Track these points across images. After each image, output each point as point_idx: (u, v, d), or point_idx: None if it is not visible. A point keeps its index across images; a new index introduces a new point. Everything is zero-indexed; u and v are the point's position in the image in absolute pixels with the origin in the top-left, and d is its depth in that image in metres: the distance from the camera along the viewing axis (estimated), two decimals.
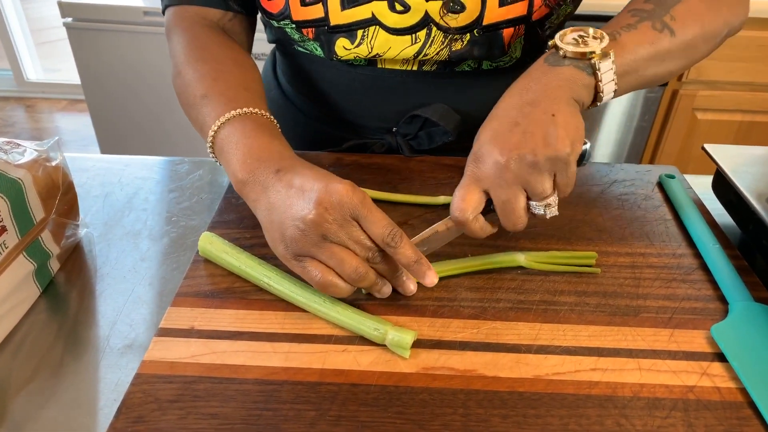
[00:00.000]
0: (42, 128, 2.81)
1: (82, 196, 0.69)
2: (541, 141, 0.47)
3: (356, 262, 0.46)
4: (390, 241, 0.46)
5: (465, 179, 0.50)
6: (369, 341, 0.47)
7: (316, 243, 0.46)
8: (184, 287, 0.52)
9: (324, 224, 0.45)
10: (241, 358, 0.45)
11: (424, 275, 0.48)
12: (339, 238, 0.46)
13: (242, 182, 0.51)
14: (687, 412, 0.42)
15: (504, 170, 0.47)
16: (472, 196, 0.49)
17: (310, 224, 0.45)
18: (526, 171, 0.47)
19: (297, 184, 0.47)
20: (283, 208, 0.47)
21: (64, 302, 0.56)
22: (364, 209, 0.46)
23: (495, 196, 0.49)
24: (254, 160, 0.51)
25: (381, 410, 0.42)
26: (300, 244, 0.46)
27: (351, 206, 0.45)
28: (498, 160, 0.47)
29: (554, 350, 0.47)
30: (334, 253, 0.46)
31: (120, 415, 0.41)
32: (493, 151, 0.48)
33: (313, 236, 0.45)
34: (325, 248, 0.46)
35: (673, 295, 0.52)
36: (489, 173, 0.48)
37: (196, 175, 0.74)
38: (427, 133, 0.72)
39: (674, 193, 0.65)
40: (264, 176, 0.49)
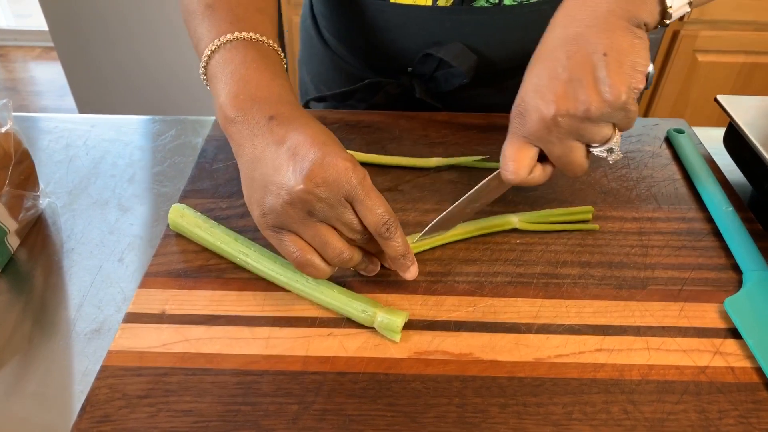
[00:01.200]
0: (16, 78, 2.69)
1: (44, 161, 0.64)
2: (591, 90, 0.40)
3: (341, 246, 0.41)
4: (384, 232, 0.41)
5: (512, 135, 0.45)
6: (356, 324, 0.43)
7: (300, 219, 0.40)
8: (154, 266, 0.48)
9: (312, 201, 0.40)
10: (217, 346, 0.42)
11: (406, 270, 0.44)
12: (326, 217, 0.41)
13: (229, 120, 0.44)
14: (699, 396, 0.39)
15: (552, 126, 0.42)
16: (522, 154, 0.44)
17: (297, 198, 0.39)
18: (578, 125, 0.41)
19: (290, 143, 0.41)
20: (268, 169, 0.41)
21: (28, 282, 0.51)
22: (361, 192, 0.40)
23: (547, 151, 0.44)
24: (248, 98, 0.44)
25: (370, 402, 0.38)
26: (281, 216, 0.41)
27: (347, 187, 0.40)
28: (544, 115, 0.42)
29: (556, 329, 0.43)
30: (318, 233, 0.41)
31: (84, 414, 0.37)
32: (538, 104, 0.42)
33: (298, 211, 0.40)
34: (309, 226, 0.41)
35: (683, 264, 0.49)
36: (536, 129, 0.43)
37: (169, 135, 0.68)
38: (443, 75, 0.66)
39: (683, 149, 0.61)
40: (255, 120, 0.43)
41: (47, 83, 2.60)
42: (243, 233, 0.49)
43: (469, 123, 0.65)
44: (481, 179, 0.47)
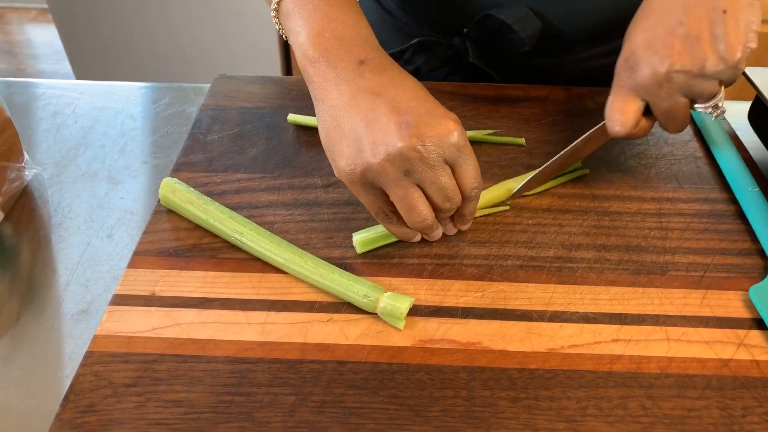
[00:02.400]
0: (12, 41, 2.63)
1: (31, 129, 0.61)
2: (708, 48, 0.40)
3: (427, 213, 0.40)
4: (473, 195, 0.41)
5: (619, 88, 0.44)
6: (358, 309, 0.41)
7: (394, 178, 0.38)
8: (143, 244, 0.45)
9: (414, 161, 0.37)
10: (210, 331, 0.39)
11: (463, 224, 0.45)
12: (423, 179, 0.39)
13: (312, 60, 0.41)
14: (722, 391, 0.37)
15: (665, 81, 0.41)
16: (630, 107, 0.43)
17: (398, 156, 0.37)
18: (690, 81, 0.41)
19: (389, 95, 0.38)
20: (363, 120, 0.38)
21: (14, 258, 0.49)
22: (465, 152, 0.39)
23: (655, 106, 0.43)
24: (334, 37, 0.40)
25: (371, 393, 0.36)
26: (375, 174, 0.38)
27: (452, 149, 0.38)
28: (657, 70, 0.41)
29: (570, 317, 0.41)
30: (408, 194, 0.39)
31: (67, 403, 0.35)
32: (651, 59, 0.41)
33: (396, 170, 0.38)
34: (402, 187, 0.39)
35: (706, 248, 0.46)
36: (647, 84, 0.42)
37: (162, 104, 0.65)
38: (501, 40, 0.62)
39: (706, 125, 0.57)
40: (343, 62, 0.40)
41: (44, 46, 2.54)
42: (238, 210, 0.46)
43: (479, 94, 0.61)
44: (492, 154, 0.44)
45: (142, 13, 1.59)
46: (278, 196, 0.49)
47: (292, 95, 0.61)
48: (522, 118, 0.58)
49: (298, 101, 0.60)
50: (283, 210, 0.48)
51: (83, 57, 1.71)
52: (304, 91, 0.61)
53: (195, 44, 1.63)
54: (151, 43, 1.65)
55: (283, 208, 0.48)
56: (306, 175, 0.51)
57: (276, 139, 0.55)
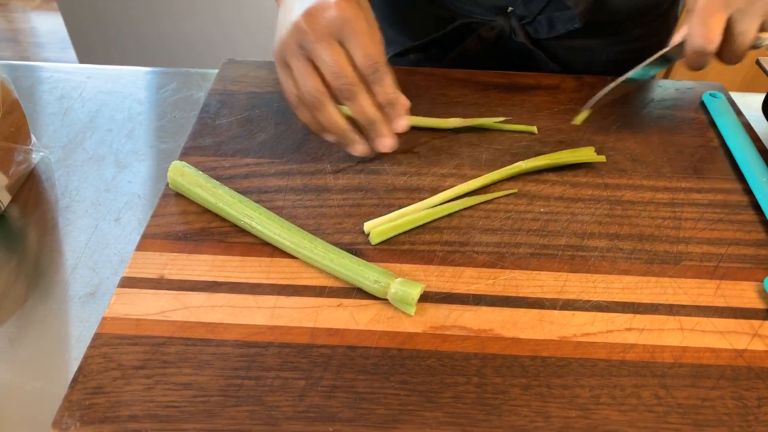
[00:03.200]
0: (16, 29, 2.62)
1: (38, 112, 0.60)
2: None
3: (315, 83, 0.43)
4: (371, 72, 0.43)
5: (710, 2, 0.45)
6: (368, 295, 0.40)
7: (293, 51, 0.43)
8: (152, 227, 0.45)
9: (302, 33, 0.42)
10: (219, 315, 0.39)
11: (396, 117, 0.45)
12: (312, 52, 0.42)
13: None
14: (736, 381, 0.36)
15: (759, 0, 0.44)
16: (719, 24, 0.45)
17: (293, 30, 0.42)
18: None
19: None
20: (286, 15, 0.44)
21: (21, 240, 0.49)
22: (349, 29, 0.42)
23: (736, 25, 0.45)
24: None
25: (382, 379, 0.36)
26: (282, 48, 0.44)
27: (337, 22, 0.41)
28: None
29: (583, 306, 0.40)
30: (301, 66, 0.43)
31: (76, 385, 0.35)
32: None
33: (293, 43, 0.43)
34: (296, 57, 0.43)
35: (720, 239, 0.45)
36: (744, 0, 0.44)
37: (169, 88, 0.64)
38: (547, 18, 0.61)
39: (720, 115, 0.56)
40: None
41: (48, 34, 2.53)
42: (247, 194, 0.46)
43: (490, 82, 0.61)
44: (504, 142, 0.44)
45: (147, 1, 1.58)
46: (287, 181, 0.49)
47: None
48: (533, 106, 0.57)
49: None
50: (292, 195, 0.48)
51: (88, 44, 1.70)
52: None
53: (199, 31, 1.62)
54: (155, 31, 1.64)
55: (293, 194, 0.48)
56: (315, 161, 0.51)
57: (285, 125, 0.54)
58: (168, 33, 1.63)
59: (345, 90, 0.43)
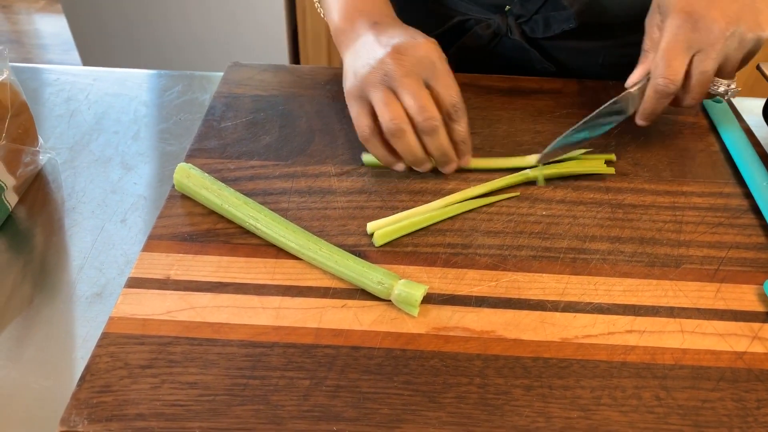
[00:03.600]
0: (20, 30, 2.63)
1: (44, 114, 0.61)
2: (757, 16, 0.45)
3: (399, 111, 0.44)
4: (453, 112, 0.45)
5: (675, 42, 0.46)
6: (372, 296, 0.41)
7: (374, 82, 0.45)
8: (158, 228, 0.45)
9: (390, 66, 0.44)
10: (225, 315, 0.39)
11: (463, 156, 0.49)
12: (400, 87, 0.44)
13: (340, 30, 0.51)
14: (736, 383, 0.37)
15: (721, 41, 0.44)
16: (682, 63, 0.46)
17: (379, 63, 0.44)
18: (735, 46, 0.45)
19: (387, 34, 0.47)
20: (365, 53, 0.46)
21: (27, 241, 0.49)
22: (440, 69, 0.45)
23: (697, 65, 0.46)
24: (354, 11, 0.50)
25: (386, 379, 0.36)
26: (363, 80, 0.45)
27: (427, 64, 0.45)
28: (722, 29, 0.44)
29: (584, 308, 0.41)
30: (384, 97, 0.44)
31: (84, 383, 0.35)
32: (717, 18, 0.44)
33: (375, 75, 0.45)
34: (378, 89, 0.45)
35: (720, 242, 0.46)
36: (706, 41, 0.45)
37: (175, 91, 0.65)
38: (544, 18, 0.62)
39: (721, 120, 0.57)
40: (361, 26, 0.49)
41: (52, 36, 2.54)
42: (252, 197, 0.46)
43: (492, 86, 0.61)
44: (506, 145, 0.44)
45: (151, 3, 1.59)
46: (292, 184, 0.49)
47: (306, 84, 0.60)
48: (536, 110, 0.58)
49: (312, 90, 0.60)
50: (296, 197, 0.48)
51: (91, 46, 1.71)
52: (318, 79, 0.61)
53: (202, 34, 1.62)
54: (159, 33, 1.65)
55: (297, 196, 0.48)
56: (320, 164, 0.51)
57: (290, 127, 0.55)
58: (171, 35, 1.64)
59: (428, 125, 0.45)
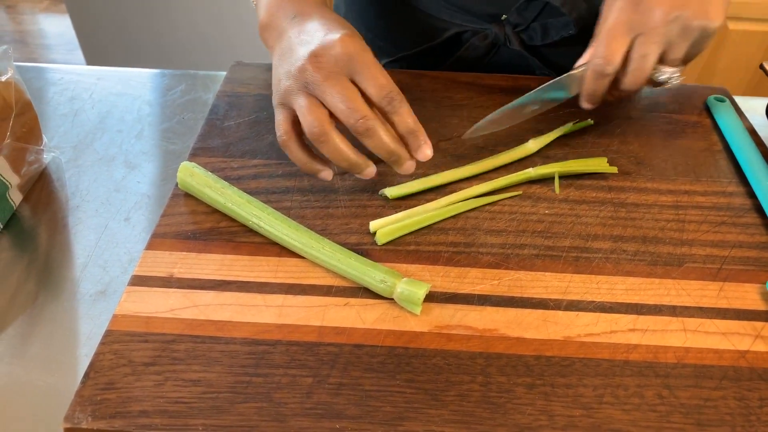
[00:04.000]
0: (25, 30, 2.64)
1: (48, 114, 0.61)
2: (706, 5, 0.44)
3: (319, 114, 0.41)
4: (387, 104, 0.41)
5: (616, 23, 0.46)
6: (374, 294, 0.41)
7: (296, 92, 0.42)
8: (161, 226, 0.45)
9: (307, 73, 0.41)
10: (228, 313, 0.39)
11: (418, 148, 0.43)
12: (323, 92, 0.41)
13: (263, 26, 0.48)
14: (739, 382, 0.37)
15: (663, 25, 0.44)
16: (621, 44, 0.46)
17: (297, 71, 0.42)
18: (678, 32, 0.45)
19: (305, 31, 0.44)
20: (287, 59, 0.44)
21: (31, 239, 0.49)
22: (359, 63, 0.41)
23: (638, 48, 0.46)
24: (275, 4, 0.47)
25: (388, 377, 0.36)
26: (286, 93, 0.43)
27: (345, 59, 0.41)
28: (665, 13, 0.44)
29: (587, 306, 0.41)
30: (305, 103, 0.41)
31: (88, 381, 0.36)
32: (662, 2, 0.44)
33: (296, 85, 0.42)
34: (300, 97, 0.42)
35: (723, 241, 0.46)
36: (647, 24, 0.45)
37: (178, 90, 0.65)
38: (542, 25, 0.62)
39: (724, 119, 0.57)
40: (281, 21, 0.46)
41: (56, 36, 2.55)
42: (255, 195, 0.46)
43: (495, 85, 0.61)
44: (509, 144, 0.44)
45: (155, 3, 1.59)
46: (295, 183, 0.49)
47: None
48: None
49: None
50: (299, 196, 0.48)
51: (96, 46, 1.71)
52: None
53: (206, 34, 1.63)
54: (163, 33, 1.65)
55: (300, 194, 0.48)
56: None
57: None
58: (175, 36, 1.65)
59: (361, 126, 0.41)
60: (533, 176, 0.50)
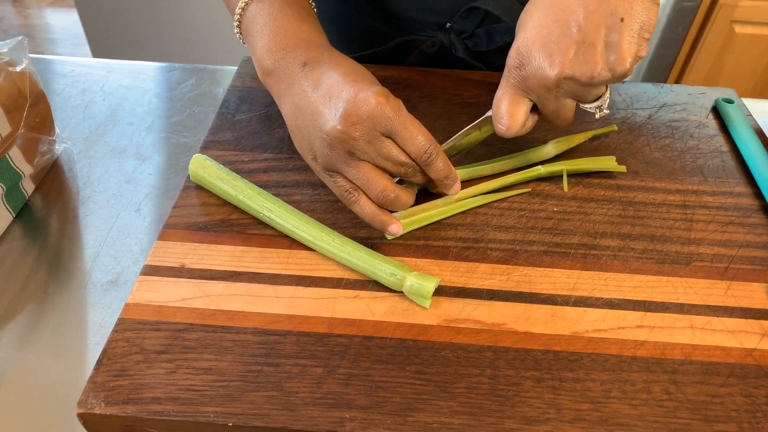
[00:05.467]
0: (31, 25, 2.65)
1: (60, 105, 0.62)
2: (599, 57, 0.39)
3: (384, 183, 0.42)
4: (425, 159, 0.42)
5: (508, 87, 0.44)
6: (384, 287, 0.41)
7: (343, 160, 0.42)
8: (173, 218, 0.46)
9: (350, 141, 0.40)
10: (239, 303, 0.40)
11: (450, 189, 0.45)
12: (368, 156, 0.41)
13: (266, 72, 0.46)
14: (746, 379, 0.37)
15: (553, 87, 0.41)
16: (518, 109, 0.44)
17: (336, 140, 0.40)
18: (578, 88, 0.42)
19: (325, 86, 0.42)
20: (309, 115, 0.42)
21: (43, 229, 0.50)
22: (397, 124, 0.40)
23: (543, 107, 0.44)
24: (280, 49, 0.45)
25: (398, 368, 0.37)
26: (328, 158, 0.42)
27: (383, 121, 0.40)
28: (547, 75, 0.41)
29: (595, 303, 0.41)
30: (361, 172, 0.42)
31: (101, 367, 0.36)
32: (543, 63, 0.41)
33: (340, 152, 0.41)
34: (352, 166, 0.42)
35: (730, 241, 0.46)
36: (536, 87, 0.42)
37: (188, 84, 0.65)
38: (486, 31, 0.62)
39: (732, 120, 0.57)
40: (290, 69, 0.44)
41: (63, 31, 2.56)
42: (266, 188, 0.47)
43: None
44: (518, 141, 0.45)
45: None
46: (305, 176, 0.50)
47: None
48: None
49: None
50: (309, 190, 0.49)
51: (103, 41, 1.72)
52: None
53: (214, 28, 1.63)
54: (171, 27, 1.66)
55: (310, 188, 0.49)
56: None
57: None
58: (182, 31, 1.65)
59: (403, 174, 0.43)
60: (542, 174, 0.50)
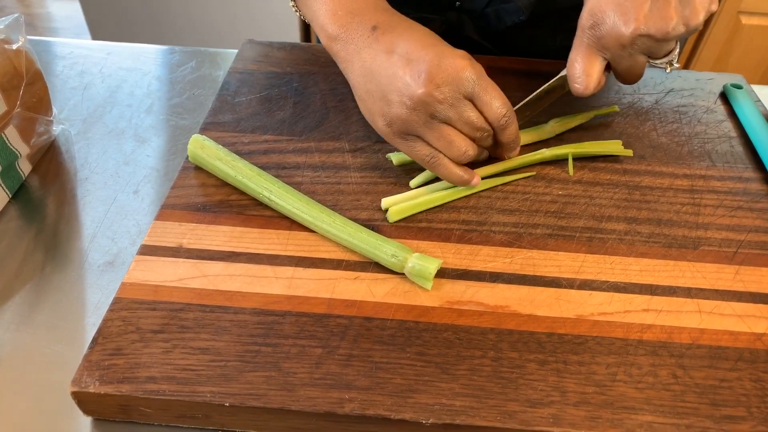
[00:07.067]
0: (33, 13, 2.64)
1: (58, 87, 0.61)
2: (674, 12, 0.40)
3: (465, 145, 0.43)
4: (503, 123, 0.43)
5: (583, 46, 0.44)
6: (385, 269, 0.40)
7: (424, 123, 0.42)
8: (171, 198, 0.45)
9: (434, 103, 0.40)
10: (237, 284, 0.39)
11: (513, 152, 0.47)
12: (449, 118, 0.42)
13: (332, 38, 0.45)
14: (755, 363, 0.36)
15: (629, 44, 0.42)
16: (593, 67, 0.44)
17: (419, 103, 0.40)
18: (653, 44, 0.42)
19: (401, 50, 0.42)
20: (385, 79, 0.42)
21: (40, 210, 0.49)
22: (479, 87, 0.41)
23: (616, 64, 0.44)
24: (346, 13, 0.44)
25: (398, 349, 0.36)
26: (407, 123, 0.42)
27: (467, 84, 0.41)
28: (623, 33, 0.41)
29: (600, 286, 0.40)
30: (443, 134, 0.42)
31: (96, 346, 0.35)
32: (618, 21, 0.41)
33: (422, 115, 0.41)
34: (434, 129, 0.42)
35: (739, 225, 0.45)
36: (611, 45, 0.42)
37: (188, 66, 0.64)
38: (495, 11, 0.61)
39: (741, 106, 0.56)
40: (358, 33, 0.44)
41: (64, 20, 2.55)
42: (266, 170, 0.46)
43: (509, 68, 0.60)
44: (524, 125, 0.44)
45: None
46: (306, 158, 0.49)
47: (321, 62, 0.60)
48: None
49: (326, 68, 0.59)
50: (310, 172, 0.48)
51: (104, 30, 1.71)
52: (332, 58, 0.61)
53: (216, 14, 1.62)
54: (173, 15, 1.65)
55: (311, 170, 0.48)
56: (333, 139, 0.51)
57: (303, 104, 0.55)
58: (184, 17, 1.64)
59: (478, 139, 0.44)
60: (547, 157, 0.49)
